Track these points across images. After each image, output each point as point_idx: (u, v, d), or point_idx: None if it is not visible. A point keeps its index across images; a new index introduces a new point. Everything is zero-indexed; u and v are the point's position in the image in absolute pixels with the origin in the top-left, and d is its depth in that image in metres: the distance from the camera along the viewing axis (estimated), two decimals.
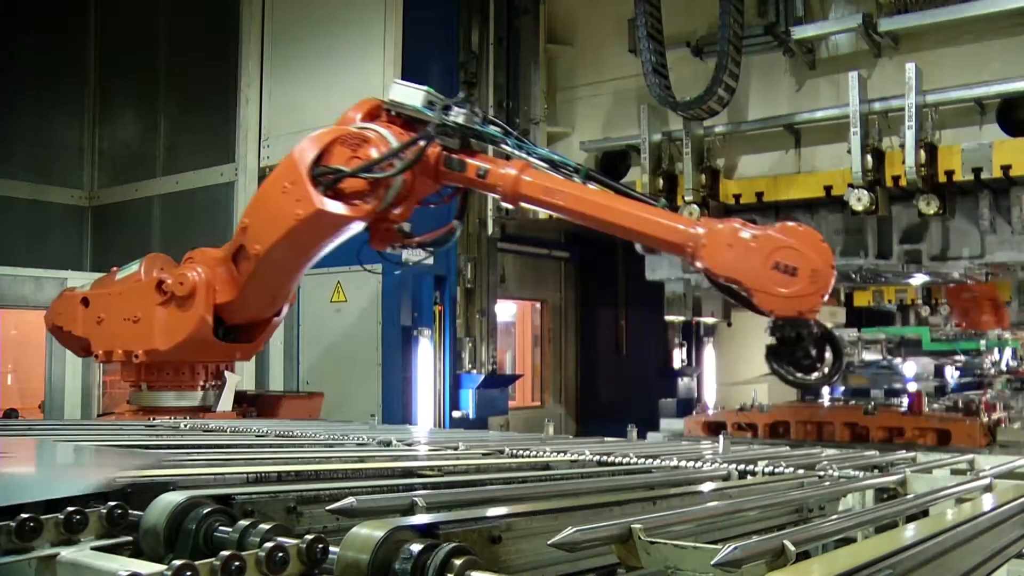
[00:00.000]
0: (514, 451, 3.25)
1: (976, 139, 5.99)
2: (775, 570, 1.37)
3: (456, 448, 3.42)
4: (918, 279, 8.23)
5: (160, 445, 3.23)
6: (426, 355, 7.70)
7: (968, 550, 1.79)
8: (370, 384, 7.64)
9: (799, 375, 4.69)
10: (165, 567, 1.37)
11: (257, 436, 3.86)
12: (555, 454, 3.14)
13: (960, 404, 6.87)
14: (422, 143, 4.77)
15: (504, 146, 4.92)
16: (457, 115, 4.86)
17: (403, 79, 7.63)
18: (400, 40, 7.66)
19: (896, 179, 6.02)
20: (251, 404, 6.44)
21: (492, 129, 4.96)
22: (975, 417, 6.23)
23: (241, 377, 6.58)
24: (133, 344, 5.60)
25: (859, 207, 5.98)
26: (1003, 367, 10.79)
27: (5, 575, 1.66)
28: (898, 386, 9.08)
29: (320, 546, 1.47)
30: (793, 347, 4.55)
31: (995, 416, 6.64)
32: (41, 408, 8.15)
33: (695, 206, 6.59)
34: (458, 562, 1.36)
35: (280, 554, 1.44)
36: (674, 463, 2.98)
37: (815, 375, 4.71)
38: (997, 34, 6.06)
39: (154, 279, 5.58)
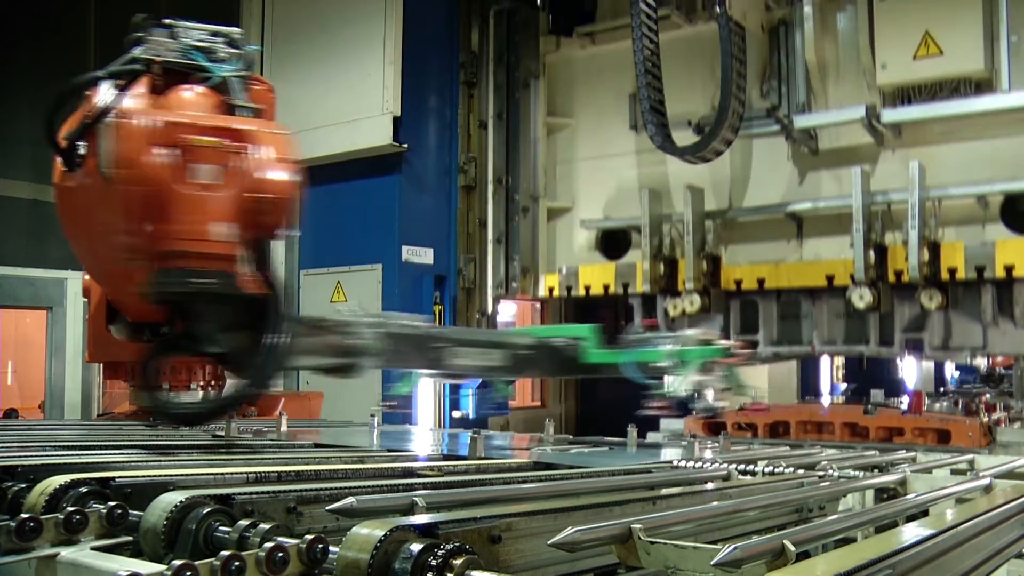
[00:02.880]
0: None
1: (979, 236, 6.01)
2: (775, 570, 1.37)
3: None
4: None
5: (160, 445, 3.23)
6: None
7: (968, 550, 1.80)
8: (370, 384, 7.64)
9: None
10: (165, 567, 1.38)
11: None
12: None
13: (960, 404, 6.87)
14: None
15: None
16: None
17: (403, 79, 7.67)
18: (400, 40, 7.66)
19: (899, 274, 6.04)
20: (251, 404, 6.43)
21: None
22: (975, 417, 6.22)
23: None
24: None
25: (861, 305, 6.01)
26: None
27: (5, 575, 1.66)
28: None
29: (320, 546, 1.47)
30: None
31: (995, 416, 6.63)
32: (41, 408, 8.15)
33: (696, 295, 6.61)
34: (458, 562, 1.36)
35: (280, 554, 1.44)
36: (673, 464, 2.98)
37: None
38: (1000, 130, 6.08)
39: None
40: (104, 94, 3.39)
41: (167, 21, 3.48)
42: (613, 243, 7.64)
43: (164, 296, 2.95)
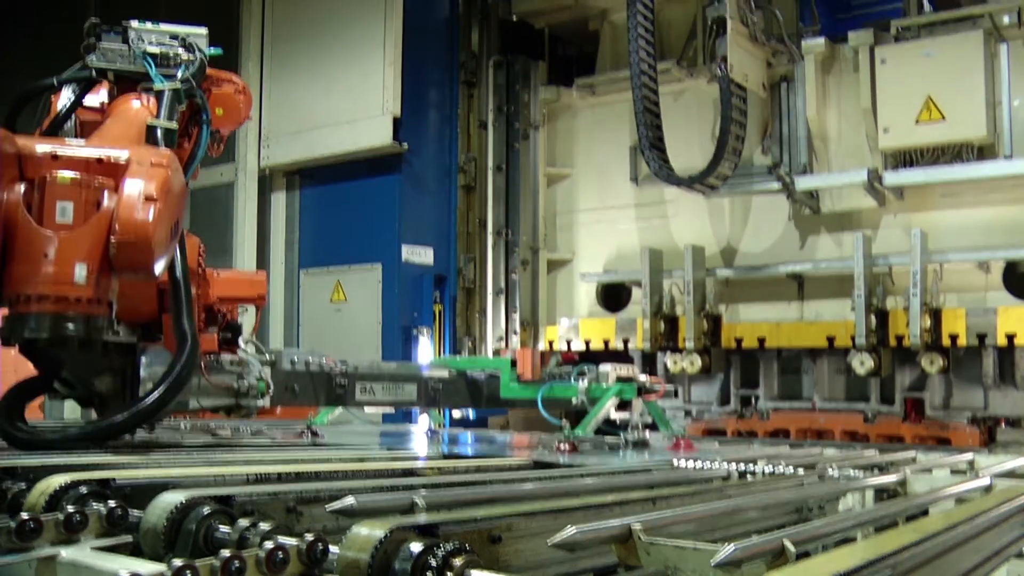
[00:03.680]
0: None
1: (981, 301, 6.01)
2: (775, 570, 1.37)
3: None
4: None
5: (160, 445, 3.23)
6: (426, 355, 7.69)
7: (968, 550, 1.79)
8: None
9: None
10: (165, 567, 1.37)
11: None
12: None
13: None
14: None
15: None
16: None
17: (403, 79, 7.68)
18: (400, 40, 7.66)
19: (900, 338, 6.03)
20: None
21: None
22: (975, 425, 6.22)
23: None
24: None
25: (862, 371, 6.03)
26: None
27: (5, 575, 1.66)
28: None
29: (320, 546, 1.47)
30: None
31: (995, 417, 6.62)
32: (41, 408, 8.15)
33: (696, 355, 6.61)
34: (458, 562, 1.36)
35: (280, 554, 1.44)
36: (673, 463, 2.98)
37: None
38: (1002, 196, 6.08)
39: None
40: (64, 99, 3.37)
41: (123, 24, 3.40)
42: (614, 295, 7.62)
43: (19, 341, 2.79)
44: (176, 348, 3.01)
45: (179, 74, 3.30)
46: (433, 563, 1.36)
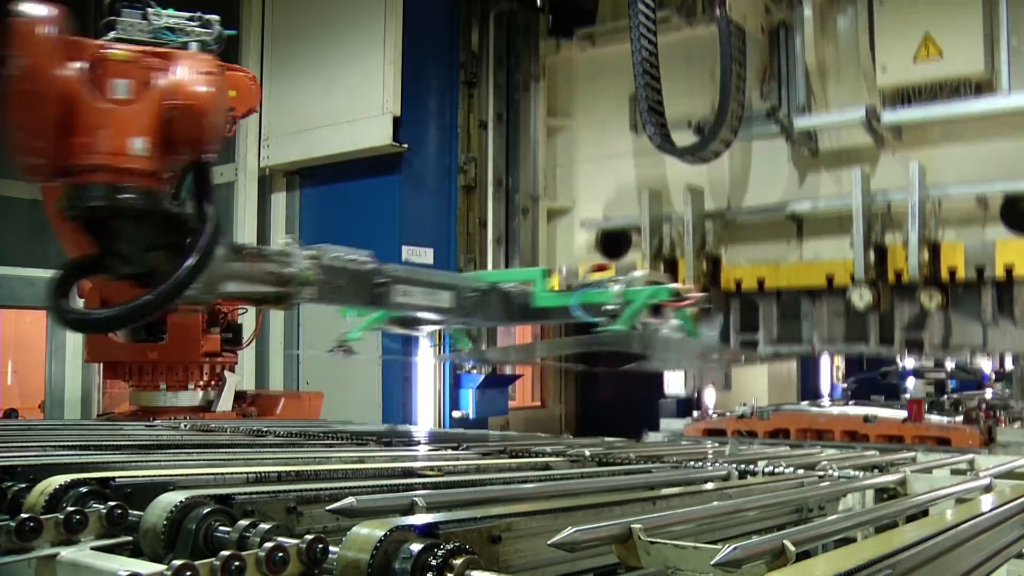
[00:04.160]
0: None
1: (979, 236, 6.03)
2: (775, 570, 1.37)
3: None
4: None
5: (160, 445, 3.23)
6: (426, 355, 7.69)
7: (968, 550, 1.79)
8: (370, 384, 7.64)
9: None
10: (165, 567, 1.37)
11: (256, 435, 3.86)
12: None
13: (960, 409, 6.87)
14: None
15: None
16: None
17: (403, 79, 7.68)
18: (400, 40, 7.66)
19: (899, 274, 6.05)
20: (251, 404, 6.45)
21: None
22: (974, 425, 6.22)
23: (241, 377, 6.58)
24: None
25: (861, 304, 6.04)
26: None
27: (5, 575, 1.66)
28: None
29: (320, 546, 1.47)
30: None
31: (997, 415, 6.63)
32: (41, 408, 8.16)
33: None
34: (458, 562, 1.36)
35: (280, 554, 1.44)
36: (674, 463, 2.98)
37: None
38: (1000, 131, 6.09)
39: None
40: None
41: (143, 1, 3.46)
42: (613, 243, 7.67)
43: (77, 212, 2.87)
44: (197, 225, 3.03)
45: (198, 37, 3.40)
46: (433, 563, 1.36)
